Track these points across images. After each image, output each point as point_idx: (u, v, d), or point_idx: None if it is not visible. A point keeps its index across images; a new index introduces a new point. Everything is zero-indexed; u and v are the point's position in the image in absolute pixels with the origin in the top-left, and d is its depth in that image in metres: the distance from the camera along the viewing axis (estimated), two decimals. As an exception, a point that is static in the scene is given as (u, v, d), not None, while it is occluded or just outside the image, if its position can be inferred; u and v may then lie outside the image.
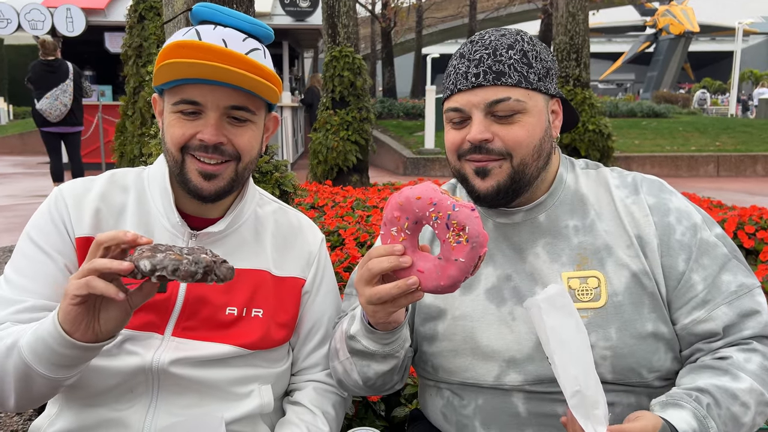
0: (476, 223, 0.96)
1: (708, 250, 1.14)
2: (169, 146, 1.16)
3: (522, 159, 1.14)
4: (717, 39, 43.92)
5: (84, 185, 1.22)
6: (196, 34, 1.13)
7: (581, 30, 6.93)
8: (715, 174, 12.15)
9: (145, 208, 1.21)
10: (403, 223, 1.01)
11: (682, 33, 32.57)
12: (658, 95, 24.75)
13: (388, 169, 12.81)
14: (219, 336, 1.17)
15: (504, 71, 1.12)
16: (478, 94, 1.12)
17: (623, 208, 1.18)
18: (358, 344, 1.16)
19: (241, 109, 1.16)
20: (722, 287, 1.12)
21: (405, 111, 16.91)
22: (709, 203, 5.21)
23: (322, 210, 4.95)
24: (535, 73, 1.14)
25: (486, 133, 1.12)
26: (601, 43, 44.44)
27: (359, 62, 7.24)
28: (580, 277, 1.15)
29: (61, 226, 1.17)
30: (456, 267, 0.97)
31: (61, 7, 10.73)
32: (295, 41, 14.61)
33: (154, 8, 5.46)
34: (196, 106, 1.13)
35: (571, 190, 1.23)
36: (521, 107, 1.12)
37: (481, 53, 1.14)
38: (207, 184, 1.16)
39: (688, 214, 1.17)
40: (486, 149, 1.13)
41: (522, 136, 1.13)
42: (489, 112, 1.13)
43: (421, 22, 21.17)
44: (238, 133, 1.17)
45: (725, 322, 1.11)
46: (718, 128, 14.96)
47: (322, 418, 1.28)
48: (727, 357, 1.09)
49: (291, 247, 1.31)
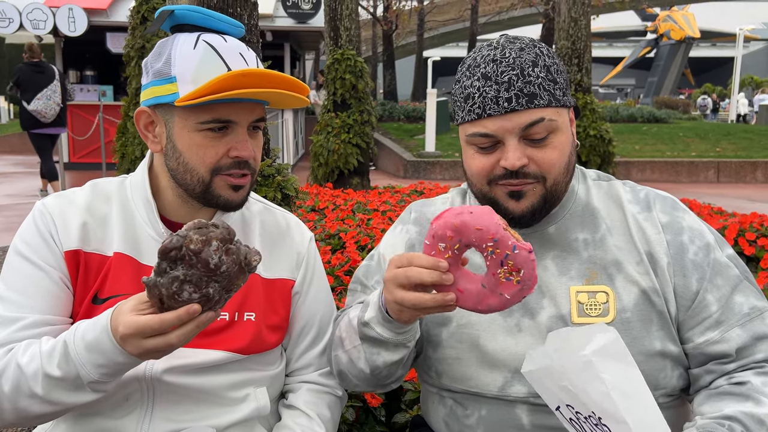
0: (532, 266, 0.94)
1: (721, 271, 1.13)
2: (196, 167, 1.14)
3: (555, 179, 1.12)
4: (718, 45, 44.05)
5: (67, 198, 1.20)
6: (213, 50, 1.11)
7: (583, 35, 6.94)
8: (715, 180, 12.16)
9: (129, 217, 1.20)
10: (454, 243, 0.97)
11: (683, 39, 32.67)
12: (659, 100, 24.78)
13: (389, 171, 12.81)
14: (211, 342, 1.16)
15: (535, 92, 1.08)
16: (511, 119, 1.08)
17: (635, 224, 1.17)
18: (371, 331, 1.14)
19: (261, 120, 1.18)
20: (735, 308, 1.12)
21: (406, 114, 16.93)
22: (709, 210, 5.21)
23: (322, 213, 4.94)
24: (560, 88, 1.12)
25: (523, 158, 1.09)
26: (602, 48, 44.54)
27: (361, 65, 7.25)
28: (588, 292, 1.14)
29: (49, 239, 1.15)
30: (498, 300, 0.96)
31: (63, 6, 10.73)
32: (297, 43, 14.62)
33: (157, 10, 5.45)
34: (226, 123, 1.12)
35: (582, 202, 1.21)
36: (554, 127, 1.10)
37: (509, 75, 1.08)
38: (236, 195, 1.17)
39: (701, 234, 1.16)
40: (522, 173, 1.11)
41: (556, 158, 1.11)
42: (523, 136, 1.10)
43: (422, 26, 21.19)
44: (255, 144, 1.18)
45: (738, 344, 1.10)
46: (719, 134, 14.98)
47: (317, 420, 1.28)
48: (745, 382, 1.08)
49: (279, 248, 1.30)
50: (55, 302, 1.13)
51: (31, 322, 1.10)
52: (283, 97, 1.11)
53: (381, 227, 4.12)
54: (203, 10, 1.14)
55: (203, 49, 1.10)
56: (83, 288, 1.16)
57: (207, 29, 1.15)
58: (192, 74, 1.09)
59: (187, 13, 1.13)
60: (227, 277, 0.95)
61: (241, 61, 1.12)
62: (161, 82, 1.12)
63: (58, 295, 1.13)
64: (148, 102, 1.15)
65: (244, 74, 1.06)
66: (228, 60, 1.11)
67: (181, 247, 0.93)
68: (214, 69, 1.09)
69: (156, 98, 1.13)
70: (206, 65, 1.09)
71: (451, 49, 36.61)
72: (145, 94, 1.16)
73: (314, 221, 4.44)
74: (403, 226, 1.34)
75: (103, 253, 1.17)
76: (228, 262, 0.95)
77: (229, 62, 1.11)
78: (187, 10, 1.13)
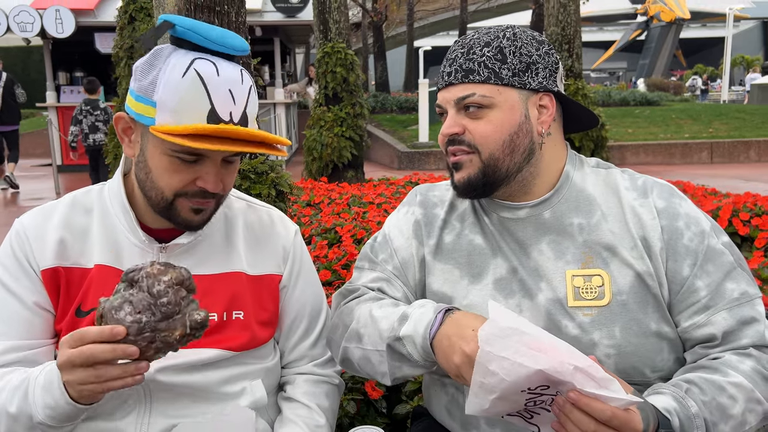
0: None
1: (714, 258, 1.15)
2: (162, 187, 1.13)
3: (491, 153, 1.17)
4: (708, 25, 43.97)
5: (44, 214, 1.20)
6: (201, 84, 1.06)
7: (573, 21, 6.92)
8: (708, 161, 12.20)
9: (110, 226, 1.20)
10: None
11: (673, 20, 32.59)
12: (650, 83, 24.78)
13: (383, 163, 12.80)
14: (203, 342, 1.17)
15: (473, 69, 1.16)
16: (450, 91, 1.19)
17: (630, 210, 1.18)
18: (402, 348, 1.14)
19: (237, 155, 1.17)
20: (725, 294, 1.13)
21: (398, 105, 16.88)
22: (703, 191, 5.24)
23: (318, 207, 4.95)
24: (509, 68, 1.15)
25: (454, 127, 1.18)
26: (593, 32, 44.38)
27: (351, 58, 7.22)
28: (584, 276, 1.15)
29: (24, 262, 1.15)
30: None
31: (50, 8, 10.67)
32: (287, 37, 14.56)
33: (145, 9, 5.43)
34: (198, 156, 1.11)
35: (577, 187, 1.23)
36: (488, 102, 1.15)
37: (456, 52, 1.19)
38: (196, 217, 1.16)
39: (697, 221, 1.17)
40: (458, 141, 1.18)
41: (489, 131, 1.16)
42: (459, 107, 1.18)
43: (412, 15, 21.11)
44: (228, 173, 1.17)
45: (724, 328, 1.11)
46: (711, 115, 15.00)
47: (317, 410, 1.30)
48: (720, 357, 1.10)
49: (264, 244, 1.30)
50: (28, 327, 1.15)
51: (3, 349, 1.13)
52: (258, 151, 1.10)
53: (377, 220, 4.13)
54: (205, 30, 1.09)
55: (191, 81, 1.06)
56: (66, 303, 1.16)
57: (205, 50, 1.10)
58: (173, 105, 1.05)
59: (188, 32, 1.08)
60: (163, 314, 0.95)
61: (228, 99, 1.08)
62: (143, 100, 1.09)
63: (31, 320, 1.15)
64: (129, 111, 1.13)
65: (222, 131, 1.03)
66: (214, 97, 1.06)
67: (140, 270, 0.96)
68: (198, 106, 1.06)
69: (135, 114, 1.11)
70: (190, 98, 1.05)
71: (442, 38, 36.46)
72: (129, 100, 1.13)
73: (310, 216, 4.44)
74: (409, 207, 1.36)
75: (83, 266, 1.18)
76: (171, 298, 0.95)
77: (215, 100, 1.07)
78: (188, 28, 1.08)
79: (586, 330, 1.12)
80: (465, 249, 1.25)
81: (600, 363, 0.95)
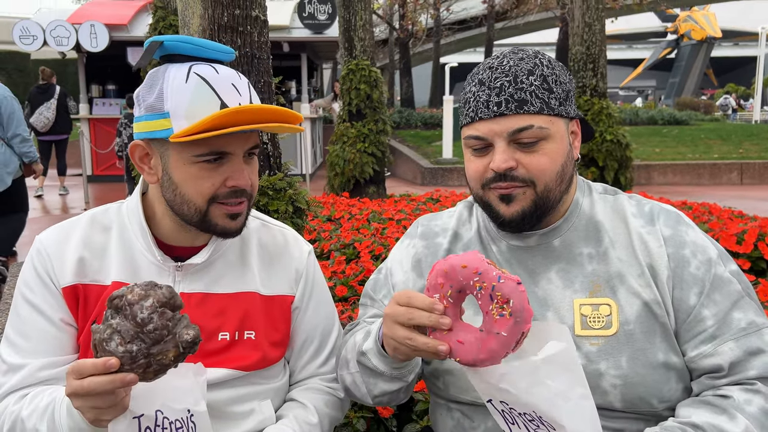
0: (521, 297, 0.95)
1: (721, 286, 1.13)
2: (193, 198, 1.15)
3: (546, 185, 1.13)
4: (740, 44, 43.34)
5: (65, 232, 1.23)
6: (205, 84, 1.11)
7: (598, 40, 6.90)
8: (738, 182, 11.96)
9: (128, 244, 1.22)
10: (447, 290, 1.00)
11: (704, 38, 32.19)
12: (681, 102, 24.46)
13: (406, 179, 12.83)
14: (214, 362, 1.19)
15: (526, 99, 1.11)
16: (500, 122, 1.11)
17: (637, 237, 1.17)
18: (368, 362, 1.17)
19: (256, 147, 1.20)
20: (732, 324, 1.11)
21: (423, 121, 16.93)
22: (729, 214, 5.14)
23: (338, 222, 4.97)
24: (556, 98, 1.13)
25: (510, 161, 1.11)
26: (622, 50, 44.07)
27: (375, 75, 7.28)
28: (592, 304, 1.14)
29: (47, 279, 1.18)
30: (497, 341, 0.96)
31: (86, 23, 10.98)
32: (314, 53, 14.74)
33: (174, 26, 5.56)
34: (222, 154, 1.13)
35: (586, 215, 1.22)
36: (544, 134, 1.11)
37: (501, 81, 1.12)
38: (233, 223, 1.19)
39: (704, 249, 1.16)
40: (510, 177, 1.13)
41: (545, 163, 1.12)
42: (512, 140, 1.12)
43: (439, 32, 21.21)
44: (252, 170, 1.19)
45: (731, 358, 1.09)
46: (742, 135, 14.73)
47: (312, 410, 1.30)
48: (729, 396, 1.07)
49: (277, 264, 1.32)
50: (56, 343, 1.17)
51: (36, 366, 1.16)
52: (277, 128, 1.14)
53: (396, 236, 4.13)
54: (193, 39, 1.15)
55: (195, 83, 1.10)
56: (84, 318, 1.19)
57: (197, 58, 1.15)
58: (185, 110, 1.09)
59: (178, 44, 1.13)
60: (153, 339, 0.95)
61: (233, 91, 1.13)
62: (154, 116, 1.12)
63: (59, 337, 1.18)
64: (142, 135, 1.15)
65: (239, 111, 1.06)
66: (221, 93, 1.11)
67: (122, 297, 0.96)
68: (208, 104, 1.10)
69: (150, 133, 1.13)
70: (199, 100, 1.10)
71: (469, 55, 36.54)
72: (138, 126, 1.16)
73: (330, 231, 4.47)
74: (410, 240, 1.36)
75: (101, 283, 1.20)
76: (157, 323, 0.94)
77: (222, 95, 1.11)
78: (176, 40, 1.14)
79: (592, 360, 1.11)
80: None
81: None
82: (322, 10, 12.04)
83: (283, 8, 13.13)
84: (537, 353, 0.98)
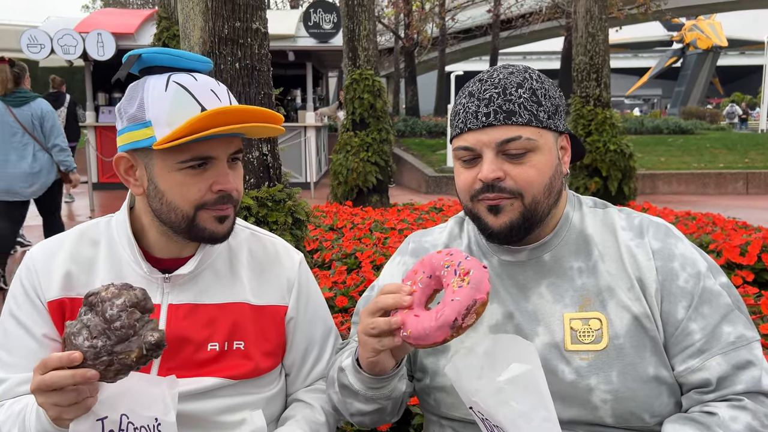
0: (483, 273, 0.98)
1: (710, 299, 1.13)
2: (180, 205, 1.16)
3: (534, 197, 1.14)
4: (746, 53, 43.28)
5: (53, 247, 1.24)
6: (185, 90, 1.13)
7: (601, 50, 6.91)
8: (744, 191, 11.91)
9: (116, 257, 1.23)
10: (419, 276, 1.06)
11: (710, 47, 32.20)
12: (686, 111, 24.43)
13: (411, 187, 12.84)
14: (204, 372, 1.19)
15: (514, 110, 1.12)
16: (488, 133, 1.12)
17: (626, 251, 1.17)
18: (345, 378, 1.18)
19: (239, 152, 1.21)
20: (721, 338, 1.10)
21: (428, 129, 16.97)
22: (734, 224, 5.11)
23: (341, 232, 4.98)
24: (545, 111, 1.14)
25: (498, 171, 1.12)
26: (627, 59, 44.07)
27: (379, 84, 7.31)
28: (582, 319, 1.14)
29: (33, 294, 1.20)
30: (450, 307, 0.97)
31: (93, 32, 11.05)
32: (319, 62, 14.80)
33: (177, 36, 5.63)
34: (206, 159, 1.15)
35: (576, 229, 1.22)
36: (532, 146, 1.12)
37: (490, 92, 1.13)
38: (221, 227, 1.20)
39: (693, 261, 1.15)
40: (498, 188, 1.13)
41: (533, 175, 1.12)
42: (500, 151, 1.12)
43: (444, 41, 21.28)
44: (236, 176, 1.21)
45: (719, 373, 1.09)
46: (748, 144, 14.69)
47: (319, 409, 1.31)
48: (715, 413, 1.07)
49: (268, 274, 1.32)
50: (38, 359, 1.16)
51: (16, 381, 1.17)
52: (258, 129, 1.14)
53: (397, 246, 4.12)
54: (170, 51, 1.17)
55: (175, 90, 1.12)
56: None
57: (176, 69, 1.17)
58: (167, 117, 1.11)
59: (155, 56, 1.16)
60: (118, 337, 0.96)
61: (213, 97, 1.14)
62: (137, 126, 1.13)
63: (39, 352, 1.18)
64: (126, 147, 1.16)
65: (219, 112, 1.07)
66: (200, 98, 1.12)
67: (98, 294, 0.98)
68: (188, 109, 1.11)
69: (133, 143, 1.14)
70: (180, 106, 1.11)
71: (474, 63, 36.62)
72: (121, 139, 1.17)
73: (332, 240, 4.48)
74: (401, 257, 1.36)
75: None
76: (125, 321, 0.96)
77: (202, 100, 1.12)
78: (154, 52, 1.16)
79: (582, 375, 1.11)
80: None
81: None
82: (327, 20, 12.10)
83: (289, 17, 13.21)
84: (501, 374, 1.01)
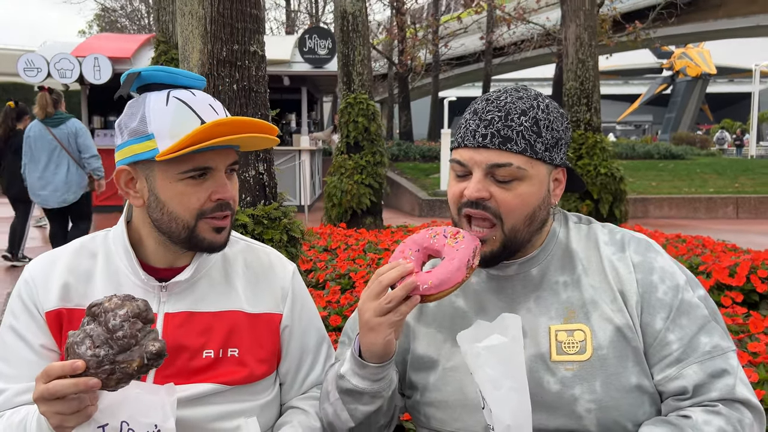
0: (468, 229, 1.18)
1: (688, 311, 1.16)
2: (181, 214, 1.20)
3: (513, 225, 1.17)
4: (735, 81, 43.98)
5: (52, 260, 1.28)
6: (185, 105, 1.18)
7: (591, 76, 7.04)
8: (734, 216, 12.02)
9: (113, 267, 1.26)
10: (408, 252, 1.16)
11: (699, 75, 32.71)
12: (677, 136, 24.73)
13: (404, 210, 12.89)
14: (199, 378, 1.22)
15: (511, 137, 1.14)
16: (481, 153, 1.15)
17: (609, 264, 1.21)
18: (347, 383, 1.20)
19: (236, 163, 1.26)
20: (698, 347, 1.14)
21: (421, 153, 17.10)
22: (723, 247, 5.18)
23: (334, 253, 5.00)
24: (543, 142, 1.16)
25: (483, 192, 1.15)
26: (618, 86, 44.69)
27: (373, 108, 7.40)
28: (567, 330, 1.17)
29: (31, 305, 1.23)
30: (460, 252, 1.12)
31: (89, 56, 11.15)
32: (314, 87, 14.96)
33: (175, 60, 5.71)
34: (205, 170, 1.20)
35: (562, 245, 1.26)
36: (521, 175, 1.14)
37: (493, 114, 1.16)
38: (219, 237, 1.24)
39: (672, 275, 1.19)
40: (482, 206, 1.17)
41: (516, 204, 1.15)
42: (489, 173, 1.15)
43: (438, 67, 21.57)
44: (233, 185, 1.26)
45: (695, 381, 1.12)
46: (738, 170, 14.86)
47: (314, 415, 1.33)
48: (689, 416, 1.10)
49: (263, 283, 1.36)
50: (36, 370, 1.18)
51: (15, 391, 1.20)
52: (255, 140, 1.20)
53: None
54: (168, 69, 1.23)
55: (176, 105, 1.18)
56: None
57: (173, 86, 1.22)
58: (169, 129, 1.16)
59: (154, 73, 1.22)
60: (120, 347, 0.99)
61: (211, 111, 1.20)
62: (139, 140, 1.18)
63: (37, 363, 1.20)
64: (127, 160, 1.20)
65: (219, 124, 1.13)
66: (200, 112, 1.19)
67: (100, 304, 1.01)
68: (189, 122, 1.17)
69: (135, 156, 1.19)
70: (181, 119, 1.17)
71: (467, 89, 37.03)
72: (121, 153, 1.22)
73: (326, 261, 4.50)
74: None
75: (84, 308, 1.22)
76: (127, 331, 0.99)
77: (201, 114, 1.18)
78: (152, 70, 1.22)
79: (567, 385, 1.14)
80: (448, 313, 1.28)
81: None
82: (323, 45, 12.27)
83: (284, 43, 13.39)
84: (482, 341, 1.08)
